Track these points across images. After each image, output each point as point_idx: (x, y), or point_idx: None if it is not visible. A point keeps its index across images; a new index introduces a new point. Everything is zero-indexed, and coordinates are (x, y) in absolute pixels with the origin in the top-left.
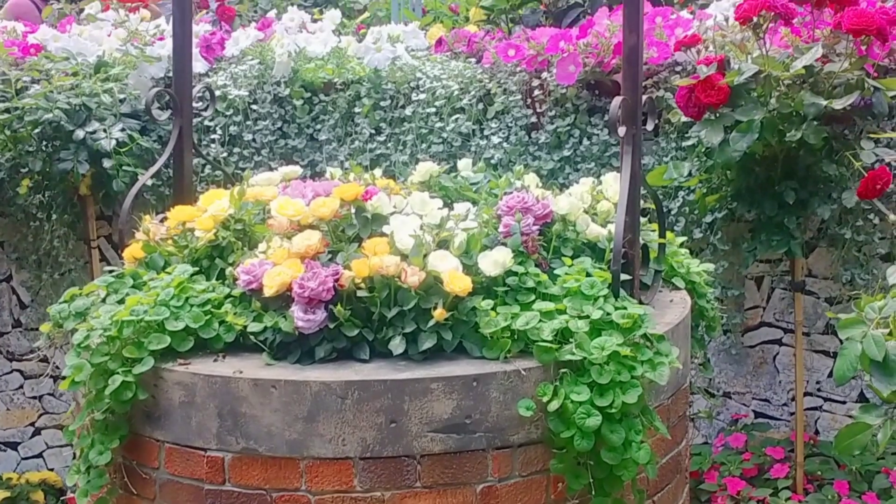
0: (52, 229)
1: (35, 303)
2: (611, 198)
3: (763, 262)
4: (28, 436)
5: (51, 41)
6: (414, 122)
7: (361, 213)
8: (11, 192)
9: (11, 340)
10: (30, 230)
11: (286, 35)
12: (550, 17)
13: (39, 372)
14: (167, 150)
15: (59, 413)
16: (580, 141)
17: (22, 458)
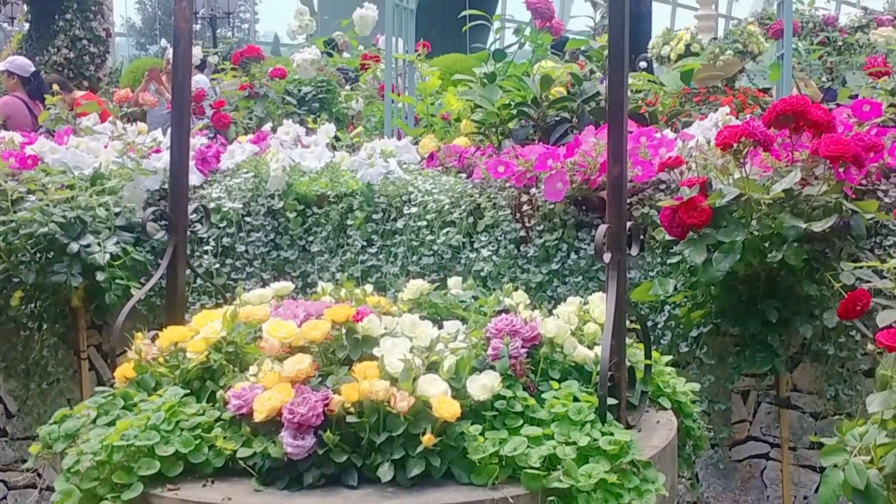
0: (41, 339)
1: (22, 412)
2: (597, 318)
3: (749, 377)
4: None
5: (48, 153)
6: (405, 235)
7: (352, 334)
8: (2, 301)
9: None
10: (19, 339)
11: (281, 149)
12: (539, 131)
13: (24, 483)
14: (161, 267)
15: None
16: (568, 255)
17: None
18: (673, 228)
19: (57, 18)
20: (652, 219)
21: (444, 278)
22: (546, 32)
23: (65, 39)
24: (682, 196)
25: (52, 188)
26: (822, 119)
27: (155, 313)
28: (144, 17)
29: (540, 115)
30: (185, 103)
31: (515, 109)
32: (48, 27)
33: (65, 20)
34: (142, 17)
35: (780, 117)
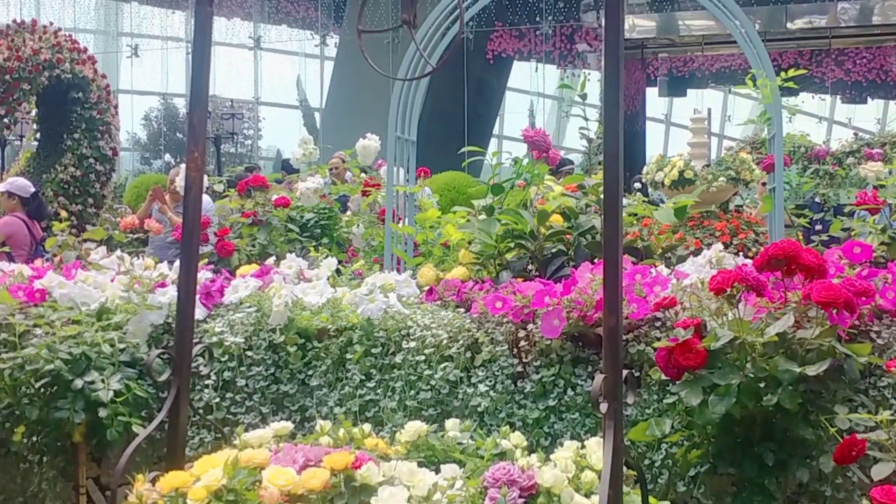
0: (41, 472)
1: None
2: (594, 465)
3: None
4: None
5: (56, 288)
6: (403, 369)
7: (350, 482)
8: (3, 434)
9: None
10: (18, 472)
11: (284, 284)
12: (536, 263)
13: None
14: (163, 410)
15: None
16: (565, 391)
17: None
18: (669, 369)
19: (65, 137)
20: (648, 356)
21: (441, 413)
22: (542, 163)
23: (72, 158)
24: (678, 337)
25: (58, 324)
26: (814, 263)
27: (155, 447)
28: (150, 132)
29: (537, 247)
30: (194, 248)
31: (513, 242)
32: (56, 145)
33: (73, 139)
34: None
35: (773, 261)
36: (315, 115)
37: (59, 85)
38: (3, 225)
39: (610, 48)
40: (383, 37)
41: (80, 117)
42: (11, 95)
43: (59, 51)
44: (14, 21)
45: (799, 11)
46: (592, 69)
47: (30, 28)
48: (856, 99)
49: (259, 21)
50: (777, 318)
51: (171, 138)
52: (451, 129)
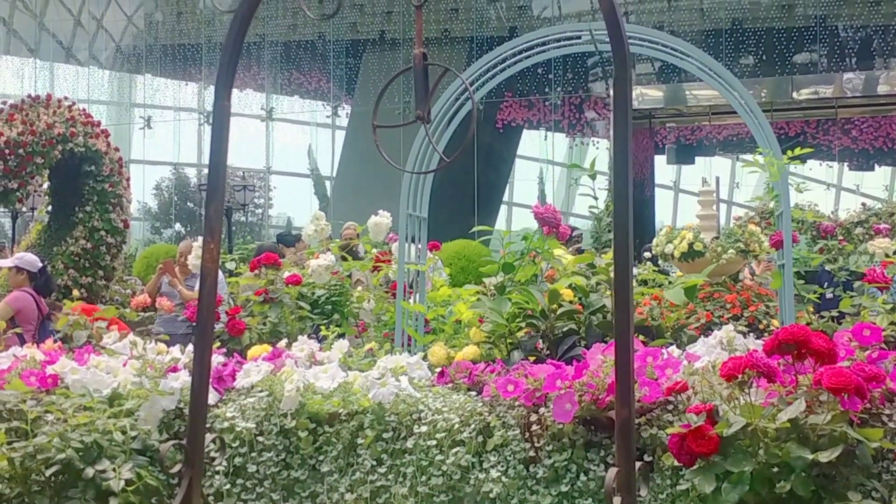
0: None
1: None
2: None
3: None
4: None
5: (69, 374)
6: (415, 454)
7: None
8: None
9: None
10: None
11: (296, 368)
12: (547, 341)
13: None
14: (176, 502)
15: None
16: (577, 476)
17: None
18: (682, 456)
19: (77, 210)
20: (660, 440)
21: (453, 500)
22: (552, 238)
23: (83, 231)
24: (690, 422)
25: (70, 411)
26: (824, 348)
27: None
28: (160, 201)
29: (548, 326)
30: (207, 338)
31: (524, 321)
32: (68, 218)
33: (84, 212)
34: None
35: (783, 345)
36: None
37: (71, 158)
38: (13, 300)
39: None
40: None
41: (92, 190)
42: (24, 169)
43: (72, 125)
44: (29, 96)
45: (804, 82)
46: (601, 137)
47: (44, 102)
48: (863, 166)
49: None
50: (788, 402)
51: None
52: (462, 197)
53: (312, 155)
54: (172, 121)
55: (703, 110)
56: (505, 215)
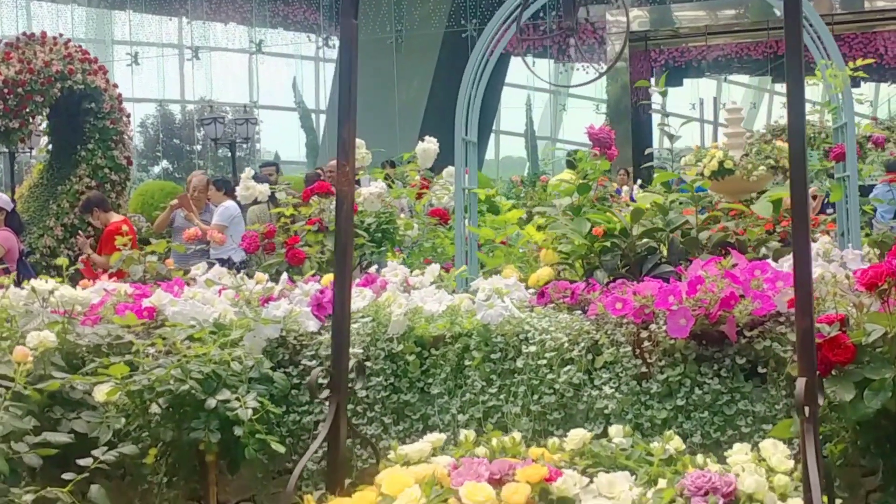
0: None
1: None
2: (775, 467)
3: None
4: None
5: (168, 306)
6: (525, 374)
7: (547, 495)
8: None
9: None
10: (136, 494)
11: (399, 294)
12: (627, 261)
13: None
14: (325, 426)
15: None
16: (692, 390)
17: None
18: None
19: (79, 148)
20: (774, 352)
21: (565, 417)
22: (604, 159)
23: (86, 169)
24: (822, 332)
25: (178, 342)
26: None
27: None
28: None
29: (629, 245)
30: (347, 264)
31: (608, 241)
32: (70, 157)
33: (87, 150)
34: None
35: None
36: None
37: (71, 96)
38: (3, 239)
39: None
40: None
41: (93, 128)
42: (25, 108)
43: (70, 62)
44: (24, 34)
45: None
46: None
47: (39, 40)
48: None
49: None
50: None
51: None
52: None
53: (298, 88)
54: (156, 57)
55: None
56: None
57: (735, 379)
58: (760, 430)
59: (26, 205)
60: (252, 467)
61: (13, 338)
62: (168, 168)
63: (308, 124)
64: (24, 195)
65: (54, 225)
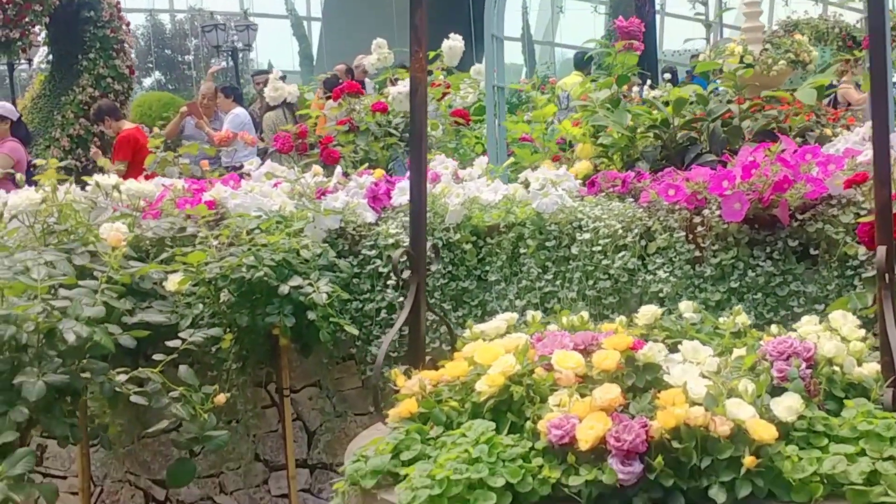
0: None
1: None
2: (847, 336)
3: None
4: None
5: (229, 199)
6: (580, 261)
7: (633, 362)
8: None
9: (181, 489)
10: (206, 379)
11: (453, 185)
12: (668, 152)
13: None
14: (406, 305)
15: None
16: (745, 273)
17: None
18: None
19: (80, 58)
20: (826, 234)
21: (619, 301)
22: (631, 53)
23: (89, 79)
24: None
25: (244, 233)
26: None
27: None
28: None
29: (670, 136)
30: (423, 151)
31: (649, 132)
32: (71, 67)
33: (88, 59)
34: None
35: None
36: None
37: (69, 5)
38: (12, 150)
39: None
40: None
41: (93, 37)
42: (24, 18)
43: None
44: None
45: None
46: None
47: None
48: None
49: None
50: None
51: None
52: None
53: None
54: None
55: None
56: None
57: (787, 261)
58: (812, 311)
59: (30, 116)
60: (318, 353)
61: (87, 230)
62: (161, 80)
63: (300, 32)
64: (28, 107)
65: (60, 136)
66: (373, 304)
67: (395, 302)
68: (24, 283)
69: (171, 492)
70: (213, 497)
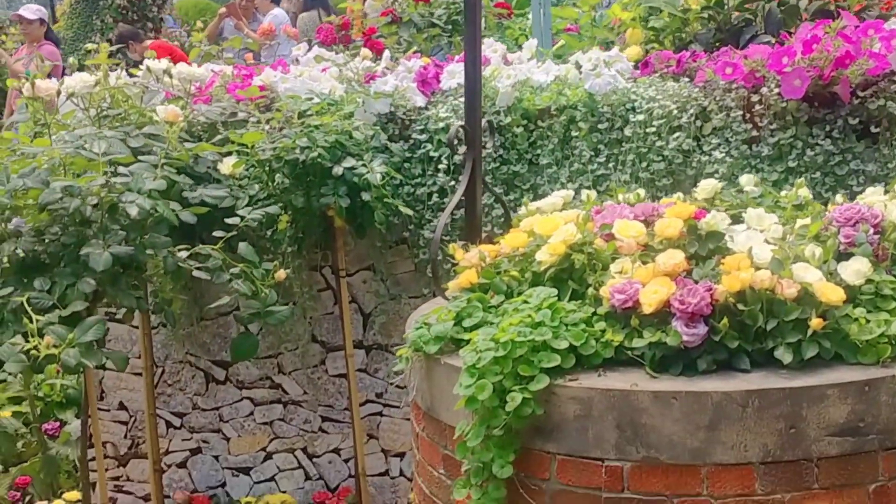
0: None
1: (263, 331)
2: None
3: None
4: (259, 460)
5: (279, 83)
6: (633, 143)
7: (696, 231)
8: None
9: (241, 370)
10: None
11: (503, 67)
12: (720, 34)
13: (269, 399)
14: (462, 182)
15: (289, 437)
16: (803, 152)
17: (254, 482)
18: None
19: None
20: (888, 111)
21: (673, 184)
22: None
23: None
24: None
25: (295, 116)
26: None
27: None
28: None
29: (724, 18)
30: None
31: (703, 13)
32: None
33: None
34: None
35: None
36: None
37: None
38: (50, 54)
39: None
40: None
41: None
42: None
43: None
44: None
45: None
46: None
47: None
48: None
49: None
50: None
51: None
52: None
53: None
54: None
55: None
56: None
57: (847, 139)
58: None
59: (69, 22)
60: (372, 237)
61: (140, 114)
62: None
63: None
64: (66, 12)
65: (100, 41)
66: (424, 189)
67: (447, 186)
68: (86, 158)
69: (231, 372)
70: (271, 377)
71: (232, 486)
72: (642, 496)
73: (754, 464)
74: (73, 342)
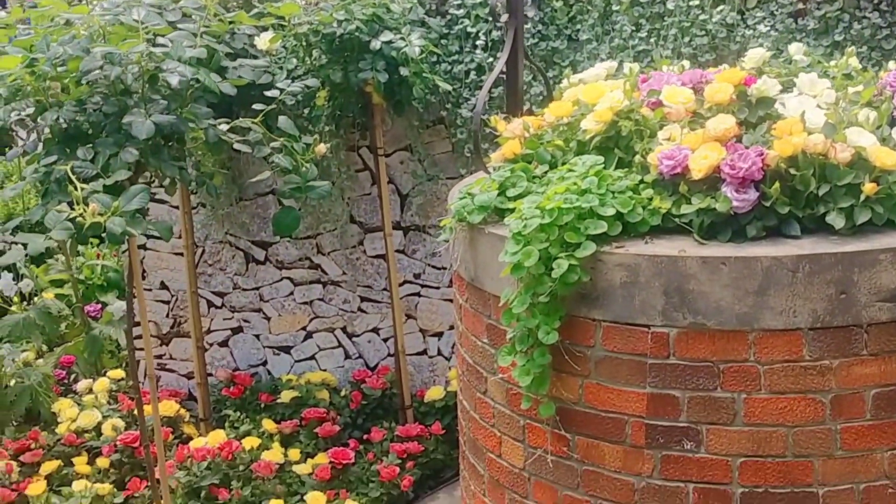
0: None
1: (303, 211)
2: None
3: None
4: (300, 339)
5: None
6: (675, 16)
7: (745, 97)
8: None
9: (280, 250)
10: None
11: None
12: None
13: (309, 279)
14: (504, 51)
15: (328, 317)
16: (850, 25)
17: (295, 361)
18: None
19: None
20: None
21: (716, 59)
22: None
23: None
24: None
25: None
26: None
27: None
28: None
29: None
30: None
31: None
32: None
33: None
34: None
35: None
36: None
37: None
38: None
39: None
40: None
41: None
42: None
43: None
44: None
45: None
46: None
47: None
48: None
49: None
50: None
51: None
52: None
53: None
54: None
55: None
56: None
57: (895, 12)
58: None
59: None
60: (409, 116)
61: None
62: None
63: None
64: None
65: None
66: (462, 66)
67: (485, 63)
68: (126, 26)
69: (271, 252)
70: (310, 257)
71: (273, 364)
72: (688, 362)
73: (803, 329)
74: (118, 210)
